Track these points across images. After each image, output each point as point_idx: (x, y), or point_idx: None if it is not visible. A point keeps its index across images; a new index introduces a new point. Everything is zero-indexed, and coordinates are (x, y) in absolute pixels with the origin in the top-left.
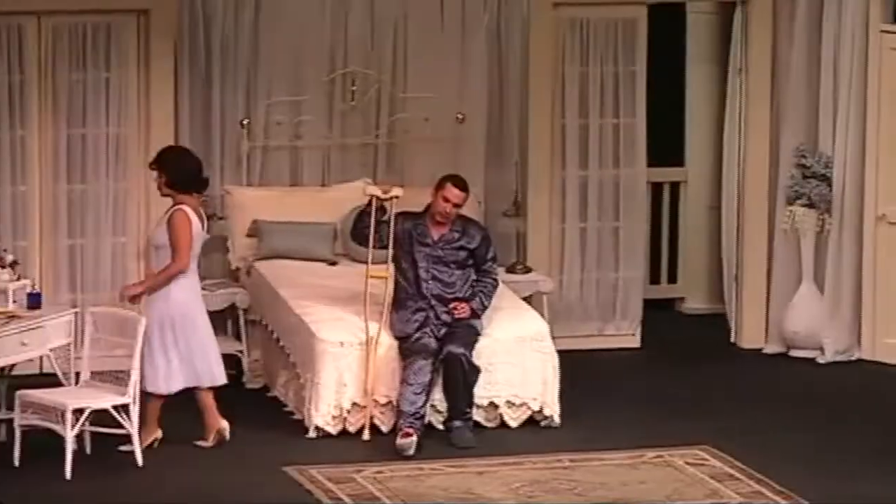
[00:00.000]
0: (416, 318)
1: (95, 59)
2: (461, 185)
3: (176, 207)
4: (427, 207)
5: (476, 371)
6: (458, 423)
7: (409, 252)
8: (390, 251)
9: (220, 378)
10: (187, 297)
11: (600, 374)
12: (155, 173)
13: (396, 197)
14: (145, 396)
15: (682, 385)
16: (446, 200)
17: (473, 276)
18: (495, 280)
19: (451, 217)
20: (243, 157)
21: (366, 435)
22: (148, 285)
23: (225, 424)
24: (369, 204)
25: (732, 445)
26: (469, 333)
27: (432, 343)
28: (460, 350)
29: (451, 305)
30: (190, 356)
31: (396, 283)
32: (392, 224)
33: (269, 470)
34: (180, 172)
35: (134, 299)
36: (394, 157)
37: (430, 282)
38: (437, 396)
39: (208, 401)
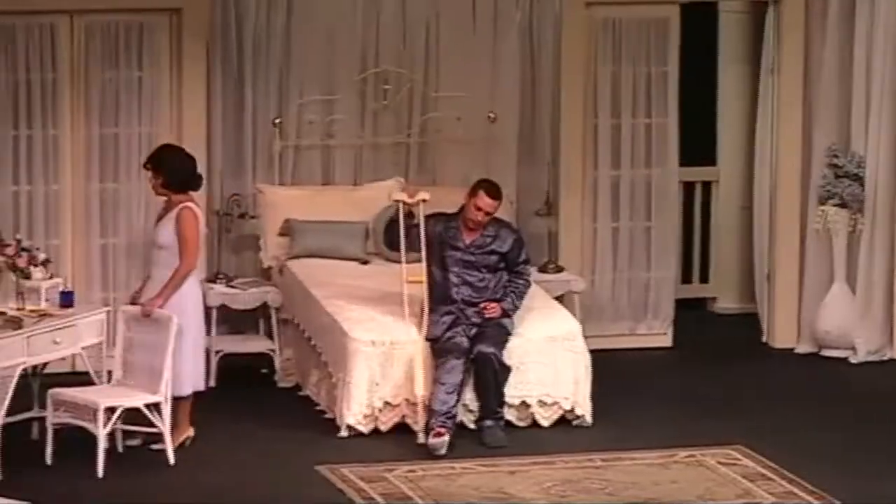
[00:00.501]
0: (445, 321)
1: (128, 58)
2: (494, 193)
3: (183, 206)
4: (461, 209)
5: (507, 370)
6: (489, 423)
7: (440, 256)
8: (423, 254)
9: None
10: (197, 296)
11: (632, 373)
12: (149, 173)
13: (424, 200)
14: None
15: (713, 385)
16: (478, 209)
17: (506, 278)
18: (527, 281)
19: (483, 224)
20: (275, 157)
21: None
22: (167, 295)
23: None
24: (398, 210)
25: (764, 445)
26: (500, 333)
27: (464, 343)
28: (491, 349)
29: (482, 305)
30: (199, 356)
31: (428, 284)
32: (423, 227)
33: (301, 469)
34: (176, 172)
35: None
36: (425, 156)
37: (461, 287)
38: (469, 396)
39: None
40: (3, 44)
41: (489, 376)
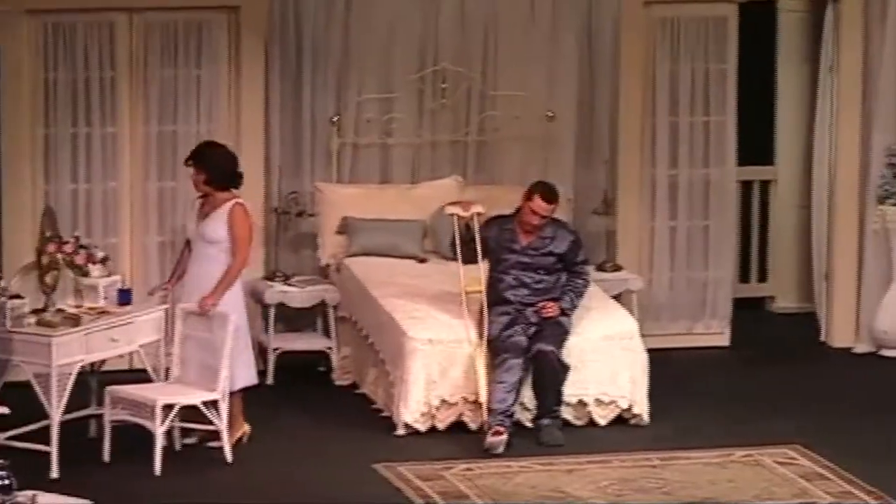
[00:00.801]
0: (501, 321)
1: (186, 55)
2: (549, 197)
3: (235, 202)
4: (517, 210)
5: (565, 369)
6: (546, 422)
7: (497, 258)
8: (481, 265)
9: None
10: (241, 292)
11: (689, 372)
12: (192, 170)
13: (478, 214)
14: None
15: (771, 384)
16: (533, 213)
17: (564, 278)
18: (586, 280)
19: (539, 227)
20: (333, 155)
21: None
22: (221, 292)
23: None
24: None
25: (822, 445)
26: (559, 331)
27: (523, 341)
28: (550, 347)
29: (540, 305)
30: (249, 351)
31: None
32: (479, 234)
33: (359, 467)
34: (219, 169)
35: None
36: (483, 154)
37: (518, 288)
38: (527, 394)
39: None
40: (63, 42)
41: (548, 374)
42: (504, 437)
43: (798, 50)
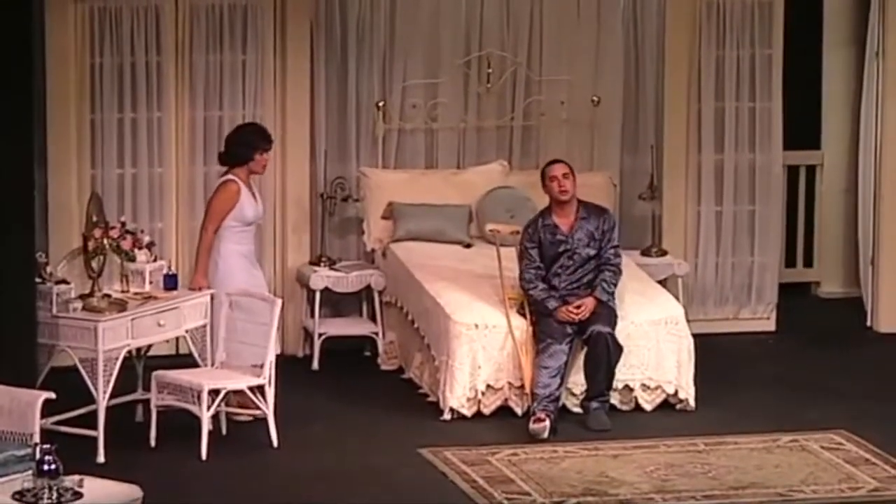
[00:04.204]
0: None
1: (232, 40)
2: (556, 161)
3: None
4: (547, 207)
5: (620, 350)
6: (595, 405)
7: (550, 256)
8: (519, 276)
9: None
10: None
11: (735, 357)
12: (266, 155)
13: (516, 232)
14: None
15: (817, 369)
16: (554, 179)
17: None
18: (618, 268)
19: (571, 191)
20: (379, 140)
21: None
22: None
23: None
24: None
25: (868, 430)
26: (611, 314)
27: (567, 327)
28: (606, 329)
29: (575, 305)
30: None
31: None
32: (527, 244)
33: (404, 451)
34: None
35: None
36: (529, 139)
37: (563, 276)
38: (573, 379)
39: None
40: (109, 27)
41: (603, 355)
42: (546, 423)
43: (844, 34)
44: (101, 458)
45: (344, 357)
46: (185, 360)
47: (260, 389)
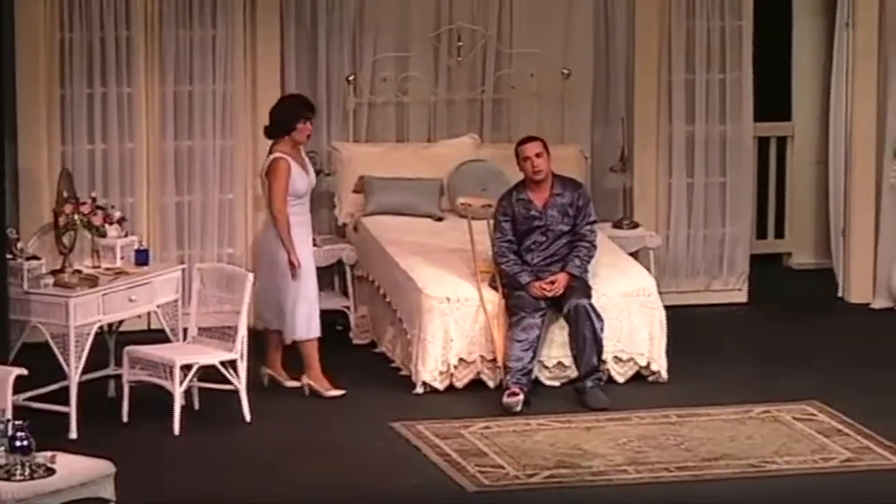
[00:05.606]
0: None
1: (202, 16)
2: (529, 138)
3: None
4: (522, 180)
5: (601, 319)
6: (590, 384)
7: (523, 231)
8: (492, 250)
9: None
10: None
11: (707, 329)
12: (308, 123)
13: (488, 205)
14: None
15: (789, 340)
16: (527, 159)
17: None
18: (592, 244)
19: (545, 170)
20: (350, 113)
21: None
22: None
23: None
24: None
25: (840, 401)
26: (585, 286)
27: (541, 300)
28: (585, 300)
29: (548, 280)
30: None
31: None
32: (500, 217)
33: (377, 425)
34: None
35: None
36: (499, 113)
37: (536, 252)
38: (545, 352)
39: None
40: (79, 2)
41: (587, 327)
42: (520, 397)
43: (814, 4)
44: (73, 434)
45: None
46: (156, 336)
47: (232, 364)
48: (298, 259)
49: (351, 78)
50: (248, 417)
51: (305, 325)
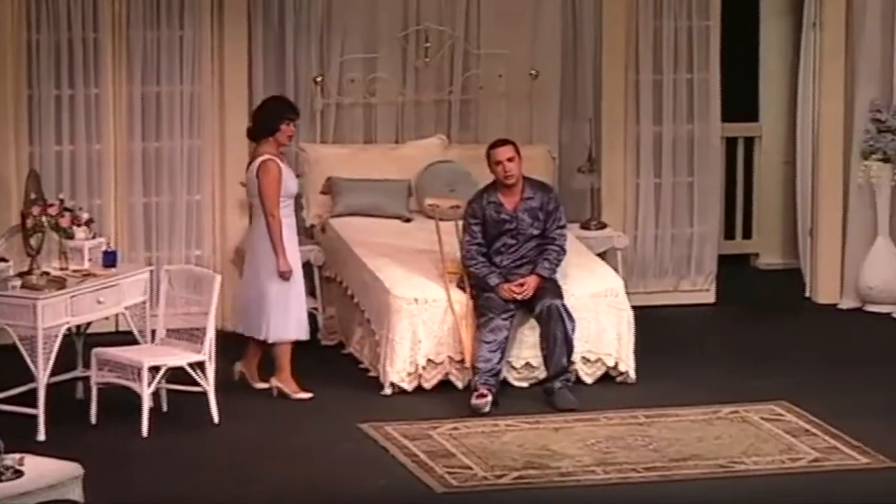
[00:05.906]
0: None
1: (169, 16)
2: (501, 142)
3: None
4: (493, 182)
5: (573, 321)
6: (558, 385)
7: (492, 235)
8: (460, 251)
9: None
10: None
11: (675, 329)
12: (292, 126)
13: (457, 206)
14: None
15: (757, 340)
16: (499, 163)
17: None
18: (561, 248)
19: (517, 175)
20: (317, 115)
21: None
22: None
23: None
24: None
25: (808, 401)
26: (557, 287)
27: (509, 302)
28: (558, 301)
29: (518, 283)
30: None
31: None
32: (470, 219)
33: (345, 426)
34: None
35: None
36: (467, 113)
37: (505, 255)
38: (514, 353)
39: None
40: (46, 3)
41: (559, 328)
42: (488, 398)
43: (781, 5)
44: (41, 436)
45: None
46: (125, 338)
47: (200, 365)
48: (290, 265)
49: (318, 79)
50: (216, 419)
51: (296, 325)
